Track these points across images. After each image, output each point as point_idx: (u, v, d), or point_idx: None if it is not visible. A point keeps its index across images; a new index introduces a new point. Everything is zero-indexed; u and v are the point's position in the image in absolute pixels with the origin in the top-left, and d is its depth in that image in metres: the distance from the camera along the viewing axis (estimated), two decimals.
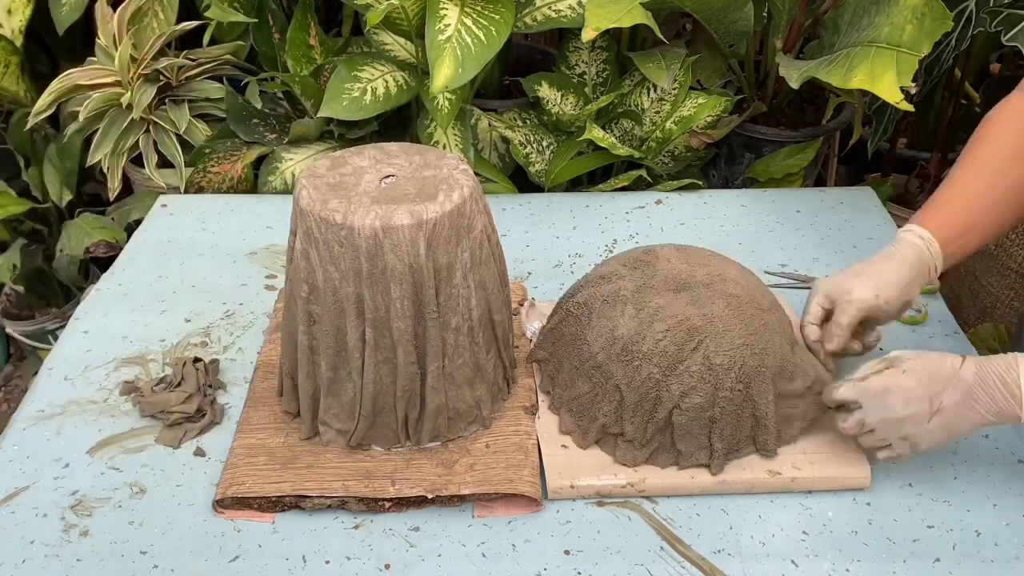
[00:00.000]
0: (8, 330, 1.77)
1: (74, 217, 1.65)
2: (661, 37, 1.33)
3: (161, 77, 1.55)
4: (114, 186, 1.53)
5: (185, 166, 1.50)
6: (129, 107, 1.49)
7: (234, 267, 1.20)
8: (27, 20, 1.55)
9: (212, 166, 1.49)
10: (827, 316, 0.92)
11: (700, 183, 1.43)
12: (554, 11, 1.41)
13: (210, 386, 0.97)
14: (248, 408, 0.94)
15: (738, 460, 0.87)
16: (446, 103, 1.34)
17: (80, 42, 1.79)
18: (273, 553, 0.80)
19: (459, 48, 1.22)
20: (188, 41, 1.61)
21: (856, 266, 0.92)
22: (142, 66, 1.51)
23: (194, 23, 1.55)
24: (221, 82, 1.61)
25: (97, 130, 1.50)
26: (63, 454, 0.90)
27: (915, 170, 1.82)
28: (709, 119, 1.47)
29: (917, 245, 0.89)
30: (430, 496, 0.83)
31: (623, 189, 1.42)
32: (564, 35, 1.58)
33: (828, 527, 0.83)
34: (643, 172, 1.41)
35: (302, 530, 0.82)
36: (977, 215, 0.90)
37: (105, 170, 1.52)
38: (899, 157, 1.85)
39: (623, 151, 1.40)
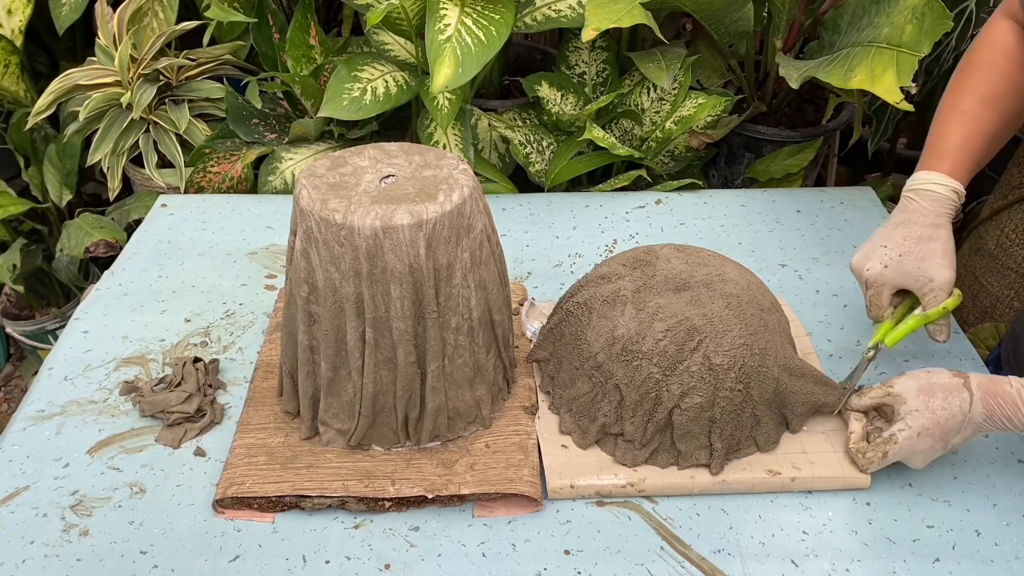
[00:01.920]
0: (8, 330, 1.77)
1: (74, 217, 1.65)
2: (661, 37, 1.33)
3: (161, 77, 1.56)
4: (114, 186, 1.53)
5: (185, 166, 1.50)
6: (129, 107, 1.49)
7: (234, 267, 1.20)
8: (27, 20, 1.56)
9: (212, 166, 1.49)
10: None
11: (700, 183, 1.43)
12: (554, 11, 1.41)
13: (210, 386, 0.97)
14: (248, 408, 0.94)
15: (738, 460, 0.87)
16: (446, 103, 1.34)
17: (80, 42, 1.80)
18: (273, 553, 0.80)
19: (459, 48, 1.22)
20: (188, 41, 1.61)
21: (911, 244, 0.88)
22: (142, 66, 1.51)
23: (194, 23, 1.55)
24: (221, 82, 1.61)
25: (97, 130, 1.50)
26: (63, 454, 0.90)
27: None
28: (709, 119, 1.47)
29: (956, 205, 0.88)
30: (430, 496, 0.83)
31: (623, 189, 1.42)
32: (564, 35, 1.58)
33: (828, 527, 0.83)
34: (643, 172, 1.41)
35: (302, 530, 0.82)
36: (986, 152, 0.91)
37: (105, 170, 1.52)
38: (899, 157, 1.85)
39: (623, 151, 1.40)
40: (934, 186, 0.88)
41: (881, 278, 0.90)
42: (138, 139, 1.52)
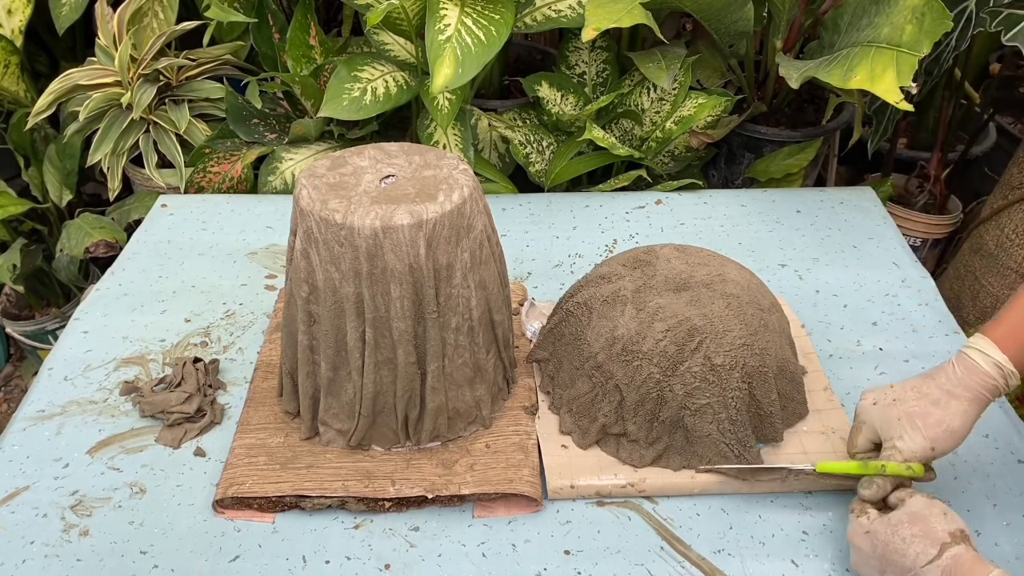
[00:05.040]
0: (8, 330, 1.77)
1: (74, 217, 1.65)
2: (661, 37, 1.33)
3: (161, 77, 1.56)
4: (114, 186, 1.53)
5: (185, 166, 1.50)
6: (129, 107, 1.49)
7: (234, 267, 1.20)
8: (27, 20, 1.56)
9: (212, 166, 1.49)
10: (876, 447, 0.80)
11: (700, 183, 1.43)
12: (554, 11, 1.41)
13: (210, 386, 0.97)
14: (248, 408, 0.94)
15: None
16: (446, 103, 1.34)
17: (80, 42, 1.80)
18: (273, 553, 0.80)
19: (459, 48, 1.22)
20: (188, 41, 1.61)
21: (913, 396, 0.76)
22: (142, 66, 1.51)
23: (194, 23, 1.55)
24: (221, 82, 1.61)
25: (97, 130, 1.50)
26: (63, 454, 0.90)
27: (915, 170, 1.82)
28: (709, 119, 1.47)
29: (995, 383, 0.73)
30: (430, 496, 0.83)
31: (623, 189, 1.42)
32: (564, 35, 1.58)
33: (828, 527, 0.83)
34: (643, 172, 1.41)
35: (302, 530, 0.82)
36: None
37: (105, 170, 1.52)
38: (899, 157, 1.85)
39: (623, 151, 1.40)
40: (974, 352, 0.74)
41: (864, 414, 0.80)
42: (138, 139, 1.52)
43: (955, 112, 1.71)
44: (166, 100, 1.57)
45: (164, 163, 1.55)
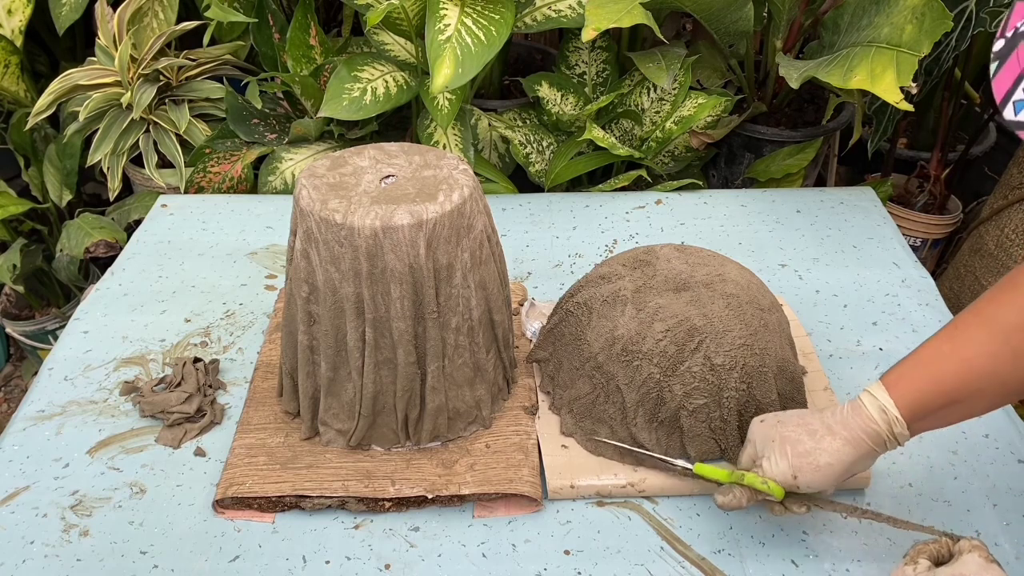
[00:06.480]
0: (8, 330, 1.77)
1: (74, 217, 1.65)
2: (661, 37, 1.33)
3: (161, 77, 1.56)
4: (114, 186, 1.53)
5: (185, 166, 1.50)
6: (129, 107, 1.49)
7: (234, 267, 1.20)
8: (27, 20, 1.56)
9: (212, 166, 1.49)
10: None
11: (700, 183, 1.43)
12: (554, 11, 1.41)
13: (210, 386, 0.97)
14: (248, 408, 0.94)
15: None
16: (446, 103, 1.34)
17: (80, 42, 1.80)
18: (273, 553, 0.80)
19: (459, 48, 1.22)
20: (188, 41, 1.61)
21: (795, 422, 0.74)
22: (142, 66, 1.51)
23: (194, 23, 1.55)
24: (221, 82, 1.61)
25: (97, 130, 1.50)
26: (63, 454, 0.90)
27: (915, 170, 1.82)
28: (709, 119, 1.47)
29: (876, 428, 0.70)
30: (430, 496, 0.83)
31: (623, 189, 1.42)
32: (564, 35, 1.58)
33: (828, 527, 0.83)
34: (643, 172, 1.41)
35: (302, 530, 0.82)
36: (970, 386, 0.68)
37: (105, 170, 1.52)
38: (899, 157, 1.85)
39: (623, 151, 1.40)
40: (865, 395, 0.72)
41: (751, 431, 0.79)
42: (138, 139, 1.52)
43: (955, 112, 1.71)
44: (166, 100, 1.57)
45: (164, 163, 1.55)
